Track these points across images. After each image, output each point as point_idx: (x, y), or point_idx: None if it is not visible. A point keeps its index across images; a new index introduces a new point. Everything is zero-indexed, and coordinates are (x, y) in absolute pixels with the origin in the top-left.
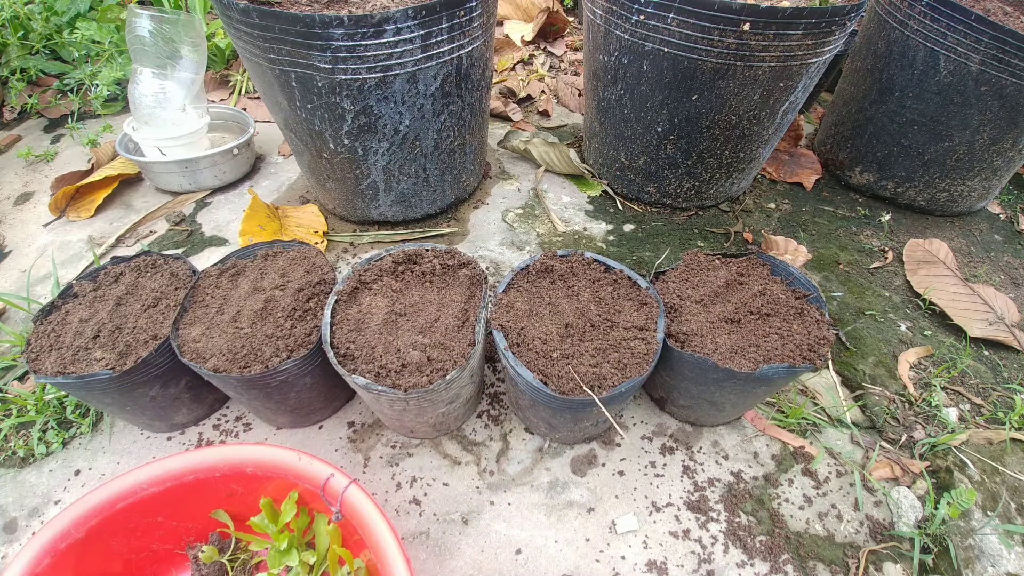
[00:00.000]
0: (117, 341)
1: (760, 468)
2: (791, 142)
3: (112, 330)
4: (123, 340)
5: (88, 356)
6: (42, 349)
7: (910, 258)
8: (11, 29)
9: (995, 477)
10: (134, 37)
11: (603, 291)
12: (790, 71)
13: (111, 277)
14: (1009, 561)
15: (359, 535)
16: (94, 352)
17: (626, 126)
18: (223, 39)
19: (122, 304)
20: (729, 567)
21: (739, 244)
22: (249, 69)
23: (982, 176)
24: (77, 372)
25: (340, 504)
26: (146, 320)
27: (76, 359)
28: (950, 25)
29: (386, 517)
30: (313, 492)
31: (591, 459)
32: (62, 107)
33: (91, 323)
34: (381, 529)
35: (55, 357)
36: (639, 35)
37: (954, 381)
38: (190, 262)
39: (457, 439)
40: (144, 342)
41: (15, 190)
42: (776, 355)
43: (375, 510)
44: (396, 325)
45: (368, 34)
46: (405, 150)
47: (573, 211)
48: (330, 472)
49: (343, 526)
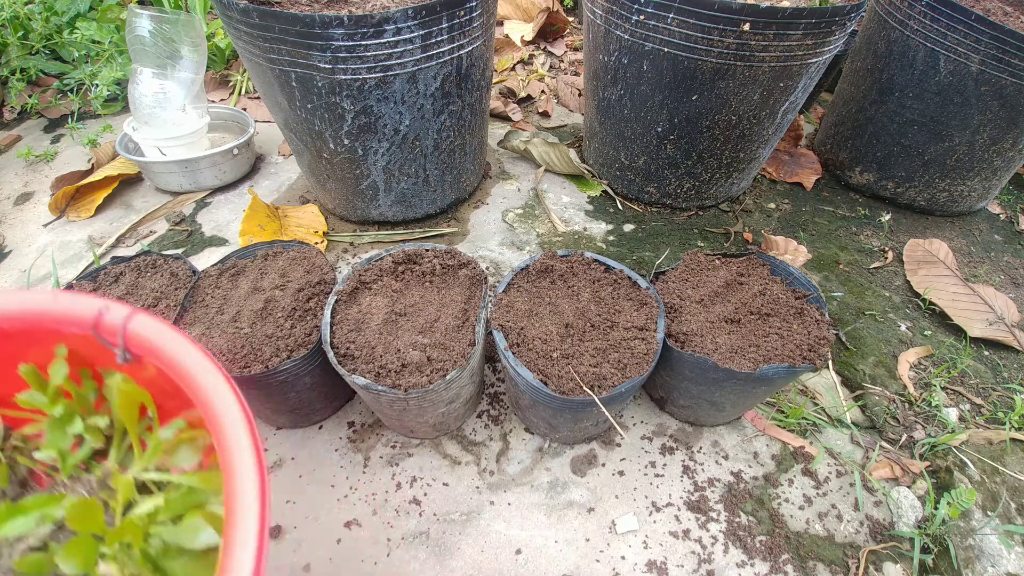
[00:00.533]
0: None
1: (760, 468)
2: (791, 142)
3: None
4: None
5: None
6: None
7: (910, 258)
8: (11, 29)
9: (995, 477)
10: (134, 37)
11: (603, 291)
12: (790, 71)
13: (111, 277)
14: (1009, 561)
15: (181, 388)
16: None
17: (626, 126)
18: (223, 39)
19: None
20: (729, 567)
21: (739, 244)
22: (249, 69)
23: (982, 176)
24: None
25: (123, 339)
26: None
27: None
28: (950, 25)
29: (208, 355)
30: (92, 342)
31: (591, 459)
32: (62, 107)
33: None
34: (194, 362)
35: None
36: (639, 35)
37: (954, 381)
38: (190, 262)
39: (457, 439)
40: None
41: (15, 190)
42: (776, 355)
43: (185, 343)
44: (396, 325)
45: (368, 34)
46: (405, 150)
47: (573, 211)
48: (102, 305)
49: (158, 385)
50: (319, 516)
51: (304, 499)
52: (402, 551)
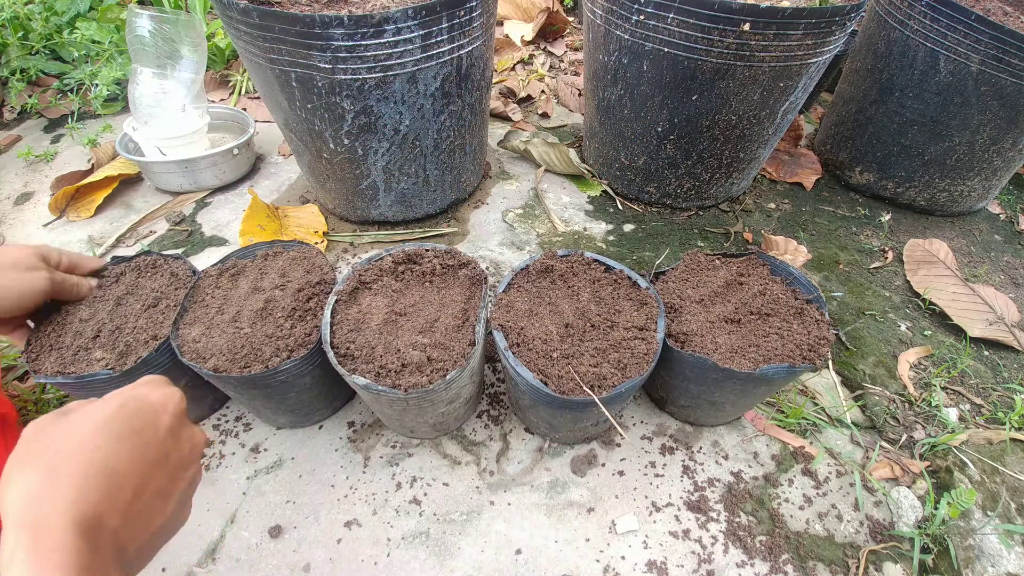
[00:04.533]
0: (117, 341)
1: (760, 468)
2: (791, 142)
3: (112, 330)
4: (123, 340)
5: (88, 356)
6: (42, 349)
7: (910, 258)
8: (11, 29)
9: (995, 477)
10: (134, 37)
11: (603, 291)
12: (790, 71)
13: (112, 277)
14: (1009, 561)
15: None
16: (94, 352)
17: (626, 126)
18: (223, 39)
19: (122, 304)
20: (729, 567)
21: (739, 244)
22: (249, 69)
23: (982, 176)
24: (77, 372)
25: None
26: (146, 320)
27: (76, 359)
28: (950, 25)
29: None
30: None
31: (591, 459)
32: (62, 107)
33: (91, 323)
34: None
35: (55, 357)
36: (639, 35)
37: (954, 381)
38: (190, 262)
39: (457, 439)
40: (144, 342)
41: (15, 190)
42: (776, 355)
43: None
44: (396, 325)
45: (368, 34)
46: (405, 150)
47: (573, 211)
48: None
49: None
50: (319, 516)
51: (304, 499)
52: (402, 551)
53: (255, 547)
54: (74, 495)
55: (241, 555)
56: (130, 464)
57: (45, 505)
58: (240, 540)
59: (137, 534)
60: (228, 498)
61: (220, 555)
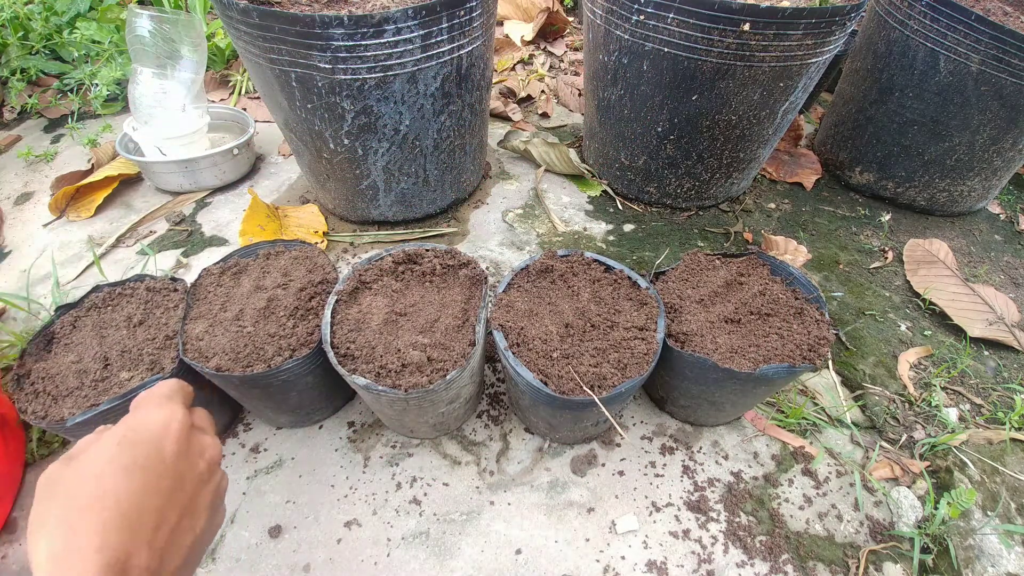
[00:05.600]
0: (136, 358)
1: (760, 468)
2: (791, 142)
3: (120, 352)
4: (141, 353)
5: (111, 382)
6: (47, 403)
7: (910, 258)
8: (11, 29)
9: (995, 477)
10: (134, 37)
11: (603, 291)
12: (790, 71)
13: (67, 327)
14: (1009, 561)
15: None
16: (118, 376)
17: (626, 126)
18: (223, 39)
19: (105, 336)
20: (729, 567)
21: (739, 244)
22: (249, 69)
23: (982, 176)
24: (115, 395)
25: None
26: (144, 331)
27: (99, 391)
28: (950, 25)
29: None
30: None
31: (591, 459)
32: (62, 107)
33: (87, 361)
34: None
35: (70, 402)
36: (639, 35)
37: (954, 381)
38: (184, 281)
39: (457, 439)
40: (161, 346)
41: (15, 190)
42: (776, 355)
43: None
44: (396, 325)
45: (368, 34)
46: (405, 150)
47: (573, 211)
48: None
49: None
50: (319, 516)
51: (304, 499)
52: (402, 551)
53: (255, 547)
54: (97, 543)
55: (241, 555)
56: (144, 498)
57: (72, 559)
58: (240, 540)
59: (169, 559)
60: (228, 498)
61: (220, 555)
